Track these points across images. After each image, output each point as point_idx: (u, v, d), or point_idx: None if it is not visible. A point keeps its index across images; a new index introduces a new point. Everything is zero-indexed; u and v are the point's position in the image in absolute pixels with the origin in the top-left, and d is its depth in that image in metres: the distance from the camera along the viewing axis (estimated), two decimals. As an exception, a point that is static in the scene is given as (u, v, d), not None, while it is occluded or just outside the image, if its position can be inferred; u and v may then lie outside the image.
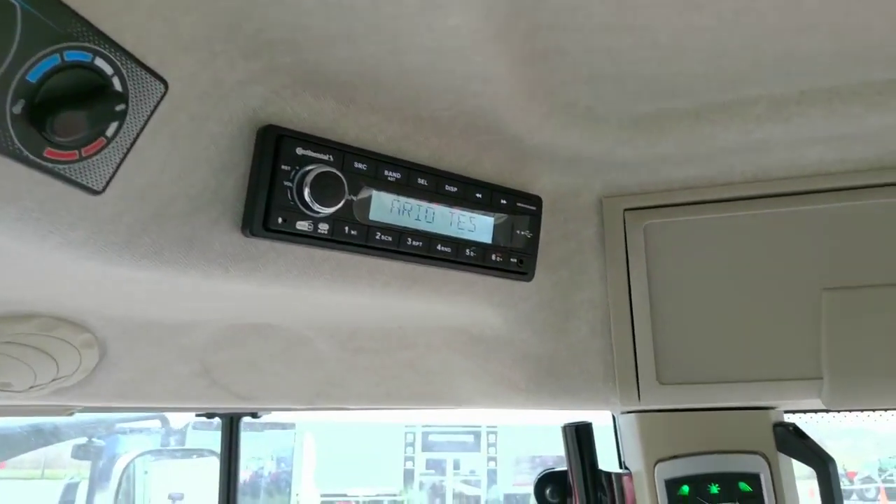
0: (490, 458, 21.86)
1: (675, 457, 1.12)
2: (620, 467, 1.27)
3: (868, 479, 31.65)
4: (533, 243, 0.99)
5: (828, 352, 0.93)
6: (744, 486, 1.09)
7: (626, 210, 1.03)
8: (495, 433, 21.48)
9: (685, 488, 1.10)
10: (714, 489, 1.09)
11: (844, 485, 31.16)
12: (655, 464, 1.12)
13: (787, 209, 0.99)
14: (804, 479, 1.15)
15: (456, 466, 23.18)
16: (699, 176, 1.02)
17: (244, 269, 0.82)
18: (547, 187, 1.03)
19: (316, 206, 0.78)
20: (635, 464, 1.19)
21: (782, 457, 1.12)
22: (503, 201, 0.96)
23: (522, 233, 0.97)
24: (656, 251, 1.01)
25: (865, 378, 0.92)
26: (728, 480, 1.09)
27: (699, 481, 1.10)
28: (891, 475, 30.91)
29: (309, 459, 19.02)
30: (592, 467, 1.22)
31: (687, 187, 1.04)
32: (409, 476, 20.71)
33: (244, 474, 20.13)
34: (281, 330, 1.08)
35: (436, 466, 23.31)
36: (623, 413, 1.24)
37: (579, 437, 1.23)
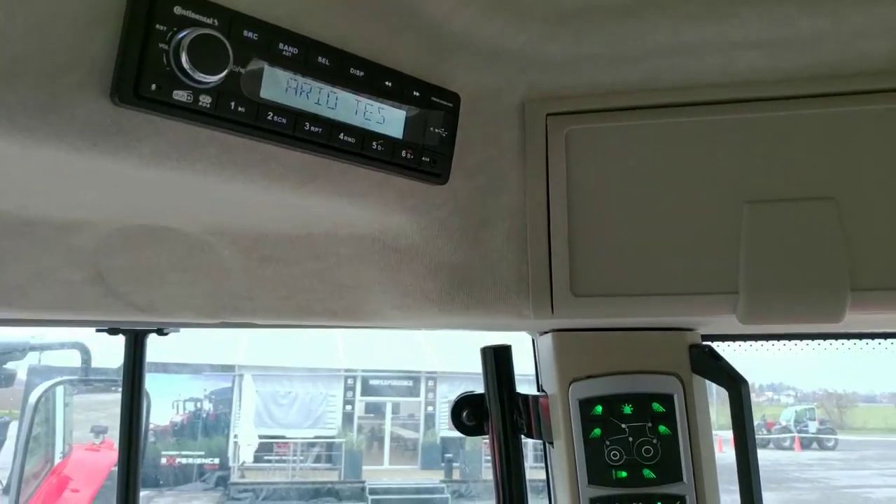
0: (428, 403, 22.37)
1: (589, 377, 1.09)
2: (538, 391, 1.25)
3: (785, 430, 34.08)
4: (448, 143, 0.93)
5: (746, 266, 0.90)
6: (657, 406, 1.08)
7: (548, 115, 0.98)
8: (434, 379, 21.91)
9: (598, 408, 1.08)
10: (627, 409, 1.07)
11: (763, 434, 33.43)
12: (570, 384, 1.09)
13: (715, 118, 0.95)
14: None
15: (395, 411, 23.65)
16: (625, 80, 0.97)
17: (116, 144, 0.72)
18: (467, 87, 0.96)
19: (196, 75, 0.70)
20: (551, 386, 1.16)
21: (696, 379, 1.11)
22: (416, 93, 0.89)
23: (437, 130, 0.91)
24: (577, 158, 0.97)
25: (781, 294, 0.90)
26: (641, 401, 1.08)
27: (612, 401, 1.08)
28: (805, 426, 33.34)
29: (248, 402, 19.01)
30: (510, 390, 1.20)
31: (612, 92, 0.98)
32: (348, 419, 21.01)
33: (181, 416, 20.02)
34: (179, 234, 1.01)
35: (375, 410, 23.72)
36: (541, 334, 1.22)
37: (497, 359, 1.19)
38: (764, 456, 27.49)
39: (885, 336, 1.43)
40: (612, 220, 0.96)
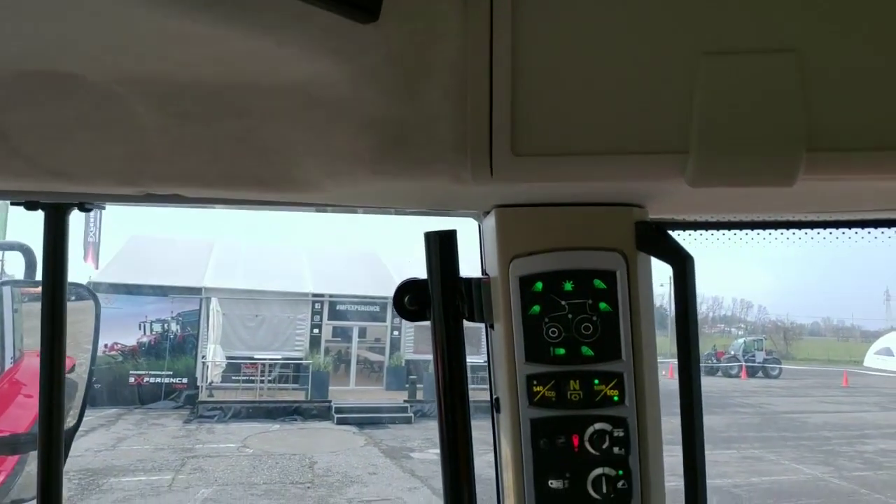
0: (394, 328, 22.83)
1: (531, 253, 1.05)
2: (482, 275, 1.19)
3: (733, 359, 35.55)
4: None
5: (698, 123, 0.84)
6: (598, 283, 1.03)
7: None
8: (401, 305, 22.16)
9: (538, 285, 1.03)
10: (568, 286, 1.03)
11: (712, 362, 34.55)
12: (511, 260, 1.05)
13: None
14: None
15: (361, 335, 24.06)
16: None
17: None
18: None
19: None
20: (493, 266, 1.11)
21: (642, 258, 1.06)
22: None
23: None
24: (524, 4, 0.90)
25: (733, 152, 0.84)
26: (583, 277, 1.03)
27: (553, 278, 1.03)
28: (753, 356, 34.86)
29: (215, 324, 19.17)
30: (452, 275, 1.13)
31: None
32: (315, 342, 21.37)
33: (148, 337, 20.13)
34: (84, 84, 0.93)
35: (342, 334, 24.09)
36: (485, 214, 1.18)
37: (442, 244, 1.12)
38: (711, 383, 28.91)
39: (837, 225, 1.36)
40: (559, 72, 0.89)
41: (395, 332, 21.73)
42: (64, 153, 0.99)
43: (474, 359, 1.25)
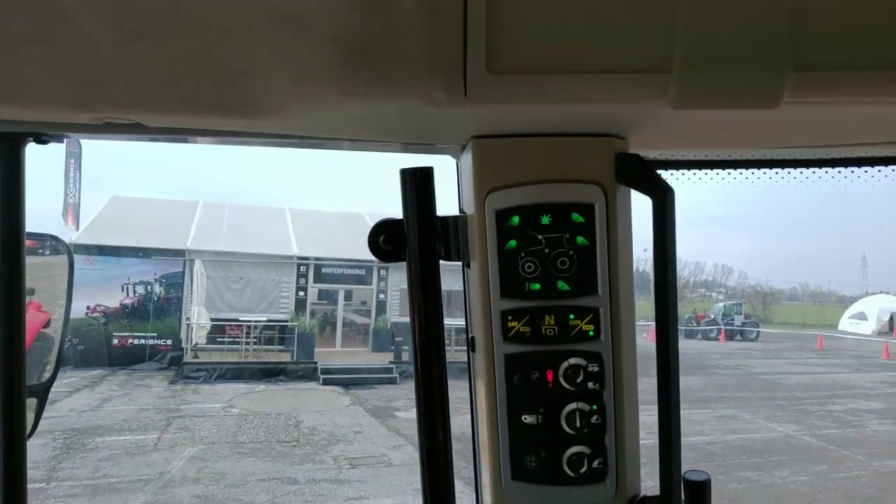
0: (380, 291, 22.94)
1: (508, 186, 1.01)
2: (459, 213, 1.15)
3: (713, 323, 36.17)
4: None
5: (682, 40, 0.81)
6: (576, 217, 0.99)
7: None
8: (387, 268, 22.31)
9: (515, 219, 1.00)
10: (545, 220, 1.00)
11: (692, 326, 35.06)
12: (488, 194, 1.02)
13: None
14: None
15: (347, 297, 24.17)
16: None
17: None
18: None
19: None
20: (469, 201, 1.07)
21: (621, 191, 1.03)
22: None
23: None
24: None
25: (717, 71, 0.80)
26: (561, 211, 1.00)
27: (530, 211, 1.00)
28: (731, 319, 35.49)
29: (199, 286, 19.10)
30: (429, 214, 1.09)
31: None
32: (301, 305, 21.42)
33: (131, 299, 20.03)
34: None
35: (328, 297, 24.16)
36: (462, 149, 1.15)
37: (417, 181, 1.08)
38: (691, 345, 29.47)
39: (823, 164, 1.31)
40: None
41: (381, 295, 21.84)
42: (11, 72, 0.93)
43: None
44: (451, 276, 1.21)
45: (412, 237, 1.10)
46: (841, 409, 14.57)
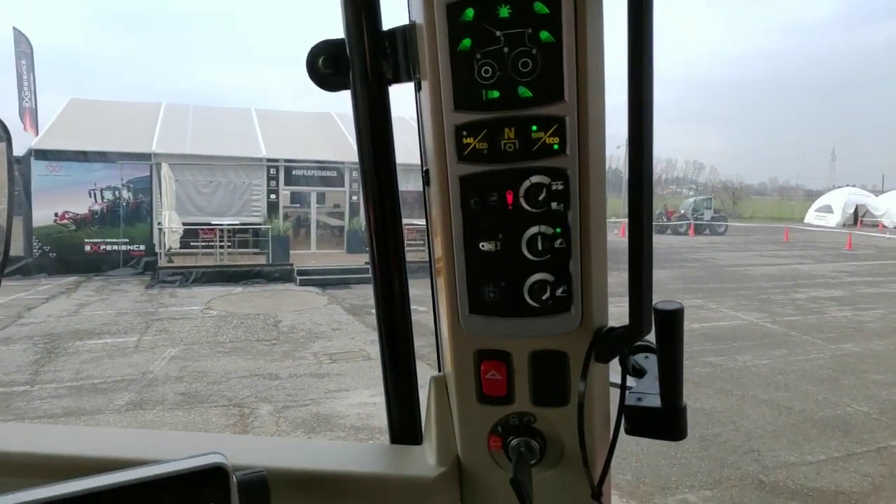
0: (353, 193, 22.77)
1: None
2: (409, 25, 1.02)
3: (682, 217, 36.85)
4: None
5: None
6: (540, 7, 0.83)
7: None
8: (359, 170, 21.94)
9: (469, 12, 0.84)
10: (504, 12, 0.84)
11: (663, 221, 35.63)
12: None
13: None
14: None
15: (320, 200, 23.98)
16: None
17: None
18: None
19: None
20: (418, 4, 0.91)
21: None
22: None
23: None
24: None
25: None
26: (521, 1, 0.84)
27: (486, 2, 0.84)
28: (701, 214, 36.16)
29: (168, 191, 18.75)
30: (374, 28, 0.98)
31: None
32: (273, 208, 21.24)
33: (100, 205, 19.64)
34: None
35: (300, 200, 23.96)
36: None
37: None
38: (661, 240, 30.15)
39: None
40: None
41: (354, 198, 21.70)
42: None
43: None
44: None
45: (356, 57, 0.98)
46: (803, 298, 15.20)
